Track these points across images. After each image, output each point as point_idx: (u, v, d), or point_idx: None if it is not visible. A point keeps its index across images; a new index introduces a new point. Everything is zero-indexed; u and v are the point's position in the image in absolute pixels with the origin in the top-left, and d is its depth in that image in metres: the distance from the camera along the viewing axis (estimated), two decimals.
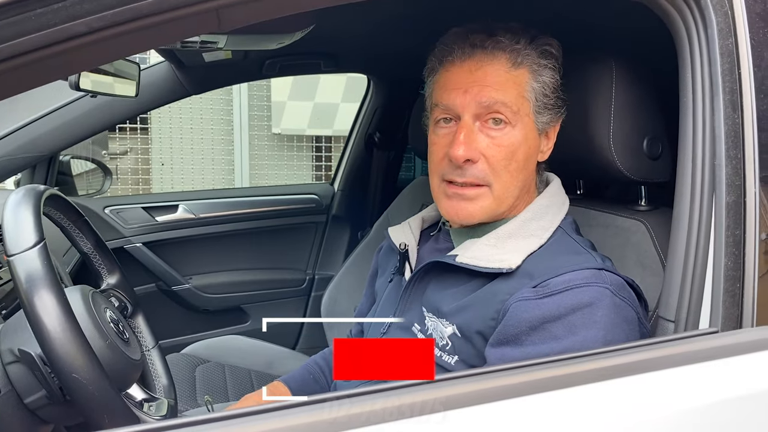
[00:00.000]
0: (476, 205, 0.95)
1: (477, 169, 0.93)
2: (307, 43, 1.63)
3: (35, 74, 0.56)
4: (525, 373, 0.65)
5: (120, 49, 0.62)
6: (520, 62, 0.93)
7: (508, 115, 0.92)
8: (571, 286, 0.83)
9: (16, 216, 0.79)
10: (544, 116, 0.96)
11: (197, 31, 0.68)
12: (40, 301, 0.72)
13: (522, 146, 0.94)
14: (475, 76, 0.93)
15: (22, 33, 0.53)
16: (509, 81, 0.93)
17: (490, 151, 0.93)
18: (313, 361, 1.26)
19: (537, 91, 0.94)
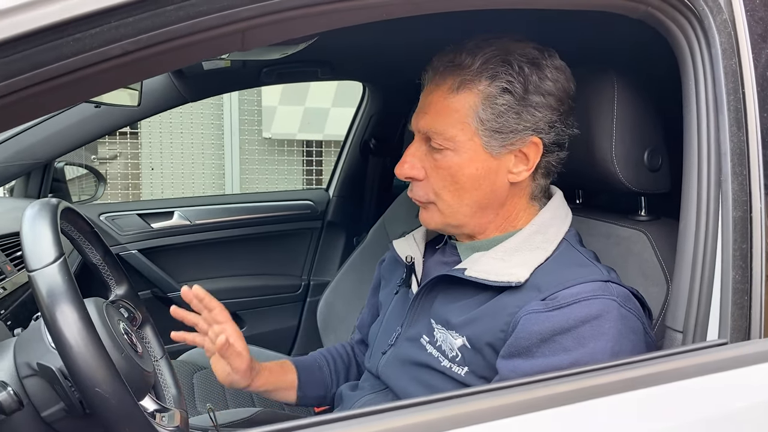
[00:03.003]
0: (429, 215, 1.02)
1: (418, 187, 1.00)
2: (304, 52, 1.64)
3: (69, 94, 0.57)
4: (538, 389, 0.67)
5: (149, 70, 0.63)
6: (459, 87, 0.93)
7: (440, 141, 0.94)
8: (579, 298, 0.85)
9: (34, 231, 0.79)
10: (495, 140, 0.93)
11: (220, 51, 0.69)
12: (62, 317, 0.73)
13: (465, 169, 0.95)
14: (425, 102, 0.99)
15: (61, 57, 0.54)
16: (448, 107, 0.94)
17: (431, 172, 0.98)
18: (319, 353, 1.31)
19: (482, 117, 0.92)
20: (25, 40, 0.52)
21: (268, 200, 2.35)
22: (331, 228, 2.38)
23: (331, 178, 2.43)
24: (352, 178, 2.37)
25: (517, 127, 0.93)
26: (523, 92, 0.92)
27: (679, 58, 0.87)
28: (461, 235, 1.05)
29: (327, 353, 1.31)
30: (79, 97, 0.58)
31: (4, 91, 0.52)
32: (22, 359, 0.85)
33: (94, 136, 1.93)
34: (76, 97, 0.57)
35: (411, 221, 2.05)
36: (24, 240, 0.78)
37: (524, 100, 0.93)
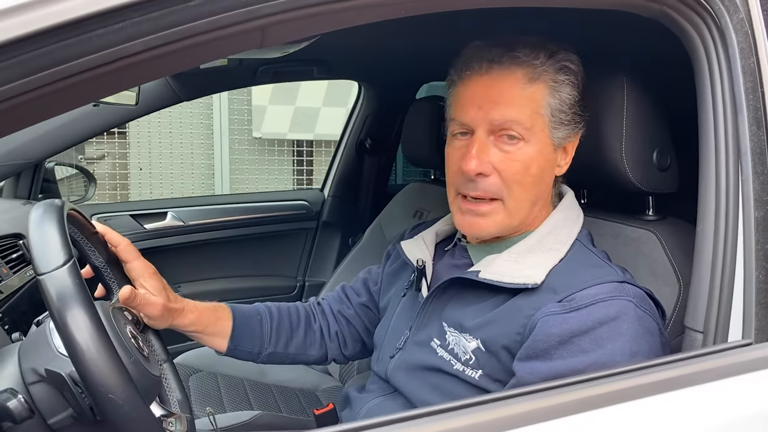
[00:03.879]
0: (489, 220, 0.97)
1: (489, 183, 0.94)
2: (300, 51, 1.62)
3: (90, 92, 0.56)
4: (559, 394, 0.66)
5: (169, 67, 0.62)
6: (536, 78, 0.94)
7: (520, 131, 0.93)
8: (596, 300, 0.85)
9: (42, 234, 0.77)
10: (560, 131, 0.96)
11: (239, 49, 0.68)
12: (73, 321, 0.71)
13: (536, 161, 0.95)
14: (489, 93, 0.94)
15: (84, 53, 0.52)
16: (523, 98, 0.93)
17: (502, 166, 0.94)
18: (265, 306, 1.22)
19: (553, 107, 0.95)
20: (49, 35, 0.50)
21: (262, 200, 2.33)
22: (326, 228, 2.37)
23: (325, 178, 2.41)
24: (347, 178, 2.36)
25: (576, 119, 0.97)
26: (580, 87, 0.97)
27: (693, 58, 0.87)
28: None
29: (275, 308, 1.23)
30: (99, 94, 0.56)
31: (25, 88, 0.50)
32: (27, 365, 0.82)
33: (86, 135, 1.90)
34: (95, 95, 0.56)
35: (408, 221, 2.05)
36: (32, 243, 0.76)
37: (581, 94, 0.97)
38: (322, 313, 1.27)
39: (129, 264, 1.04)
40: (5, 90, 0.47)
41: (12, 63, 0.50)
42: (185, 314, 1.09)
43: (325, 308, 1.28)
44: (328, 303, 1.29)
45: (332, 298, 1.31)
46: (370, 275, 1.31)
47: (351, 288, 1.31)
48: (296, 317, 1.24)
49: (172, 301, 1.06)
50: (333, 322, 1.26)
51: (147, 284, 1.03)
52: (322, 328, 1.25)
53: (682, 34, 0.88)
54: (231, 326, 1.15)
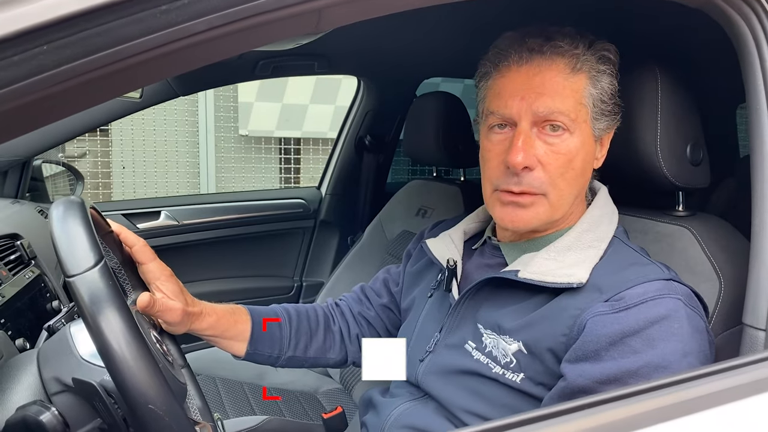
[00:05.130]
0: (531, 212, 0.93)
1: (533, 177, 0.91)
2: (302, 45, 1.58)
3: (151, 72, 0.51)
4: (634, 403, 0.63)
5: (228, 49, 0.57)
6: (578, 68, 0.91)
7: (566, 122, 0.90)
8: (646, 298, 0.82)
9: (68, 233, 0.71)
10: (601, 123, 0.94)
11: (294, 32, 0.63)
12: (108, 326, 0.66)
13: (580, 153, 0.92)
14: (532, 83, 0.91)
15: (147, 31, 0.47)
16: (567, 88, 0.91)
17: (547, 159, 0.91)
18: (283, 308, 1.17)
19: (595, 98, 0.92)
20: (109, 11, 0.45)
21: (258, 199, 2.27)
22: (324, 227, 2.32)
23: (323, 176, 2.36)
24: (346, 176, 2.31)
25: (615, 110, 0.96)
26: (618, 78, 0.95)
27: (739, 45, 0.85)
28: (513, 233, 1.01)
29: (293, 310, 1.18)
30: (159, 75, 0.51)
31: (85, 68, 0.45)
32: (49, 374, 0.76)
33: (77, 131, 1.82)
34: (156, 76, 0.51)
35: (410, 220, 2.02)
36: (57, 243, 0.70)
37: (619, 85, 0.95)
38: (341, 314, 1.23)
39: (145, 266, 0.98)
40: (67, 69, 0.42)
41: (69, 41, 0.44)
42: (203, 318, 1.03)
43: (344, 310, 1.24)
44: (347, 304, 1.25)
45: (351, 299, 1.26)
46: (390, 275, 1.27)
47: (371, 288, 1.26)
48: (315, 319, 1.19)
49: (190, 305, 1.00)
50: (353, 324, 1.21)
51: (164, 287, 0.97)
52: (341, 331, 1.20)
53: (728, 24, 0.86)
54: (250, 329, 1.10)
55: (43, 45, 0.43)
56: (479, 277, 1.01)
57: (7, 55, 0.42)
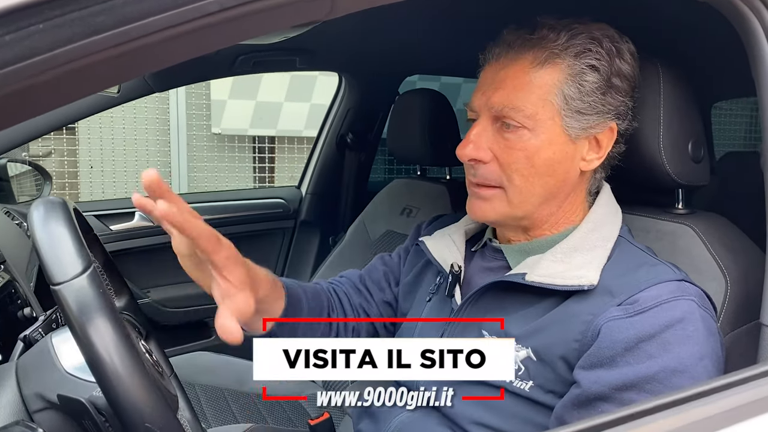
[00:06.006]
0: (489, 206, 0.92)
1: (486, 170, 0.91)
2: (285, 40, 1.53)
3: (158, 57, 0.46)
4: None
5: (238, 33, 0.52)
6: (545, 61, 0.87)
7: (519, 119, 0.87)
8: (660, 301, 0.79)
9: (52, 237, 0.65)
10: (576, 121, 0.88)
11: (306, 17, 0.59)
12: (100, 339, 0.60)
13: (542, 152, 0.88)
14: (496, 78, 0.90)
15: (156, 10, 0.42)
16: (530, 83, 0.87)
17: (501, 154, 0.89)
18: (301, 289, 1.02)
19: (567, 94, 0.87)
20: None
21: (236, 199, 2.21)
22: (305, 228, 2.27)
23: (303, 175, 2.31)
24: (327, 175, 2.26)
25: (602, 108, 0.89)
26: (609, 72, 0.88)
27: (752, 45, 0.83)
28: (515, 233, 0.97)
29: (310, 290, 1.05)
30: (169, 60, 0.46)
31: (85, 51, 0.40)
32: (30, 390, 0.70)
33: (48, 128, 1.74)
34: (165, 61, 0.46)
35: (395, 219, 1.98)
36: (41, 248, 0.64)
37: (609, 80, 0.89)
38: (339, 304, 1.12)
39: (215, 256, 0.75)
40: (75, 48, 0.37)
41: (68, 20, 0.39)
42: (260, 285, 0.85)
43: (342, 300, 1.13)
44: (344, 292, 1.14)
45: (350, 287, 1.15)
46: (388, 267, 1.18)
47: (371, 280, 1.17)
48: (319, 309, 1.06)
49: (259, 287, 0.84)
50: (351, 316, 1.13)
51: (231, 276, 0.76)
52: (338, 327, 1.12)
53: (739, 18, 0.84)
54: (283, 307, 0.95)
55: (39, 24, 0.38)
56: (480, 280, 0.97)
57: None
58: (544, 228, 0.95)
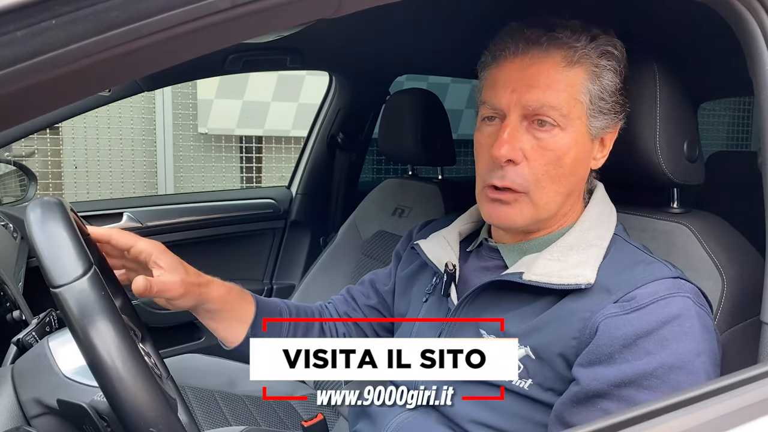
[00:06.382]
0: (515, 209, 0.91)
1: (517, 173, 0.89)
2: (276, 40, 1.52)
3: (169, 53, 0.45)
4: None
5: (246, 31, 0.51)
6: (576, 61, 0.88)
7: (555, 117, 0.87)
8: (657, 298, 0.80)
9: (50, 239, 0.64)
10: (599, 121, 0.91)
11: (311, 15, 0.58)
12: (102, 343, 0.59)
13: (571, 151, 0.89)
14: (525, 75, 0.88)
15: (169, 6, 0.41)
16: (561, 81, 0.88)
17: (533, 154, 0.88)
18: (282, 302, 1.12)
19: (593, 94, 0.89)
20: None
21: (226, 199, 2.19)
22: (295, 228, 2.25)
23: (293, 175, 2.29)
24: (317, 175, 2.25)
25: (617, 109, 0.92)
26: (623, 75, 0.92)
27: (749, 45, 0.84)
28: (514, 235, 0.97)
29: (292, 304, 1.14)
30: (181, 56, 0.45)
31: (98, 47, 0.39)
32: (27, 395, 0.69)
33: (33, 128, 1.71)
34: (178, 57, 0.45)
35: (386, 220, 1.98)
36: (40, 250, 0.63)
37: (623, 82, 0.92)
38: (329, 315, 1.18)
39: (134, 248, 0.92)
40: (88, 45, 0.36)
41: (82, 15, 0.38)
42: (213, 287, 0.98)
43: (332, 311, 1.19)
44: (334, 306, 1.20)
45: (338, 300, 1.21)
46: (377, 276, 1.22)
47: (357, 290, 1.21)
48: (311, 314, 1.14)
49: (192, 275, 0.94)
50: (341, 325, 1.17)
51: (161, 261, 0.92)
52: (331, 330, 1.15)
53: (736, 18, 0.84)
54: (254, 312, 1.04)
55: (52, 19, 0.37)
56: (477, 280, 0.97)
57: (9, 30, 0.35)
58: (548, 227, 0.95)
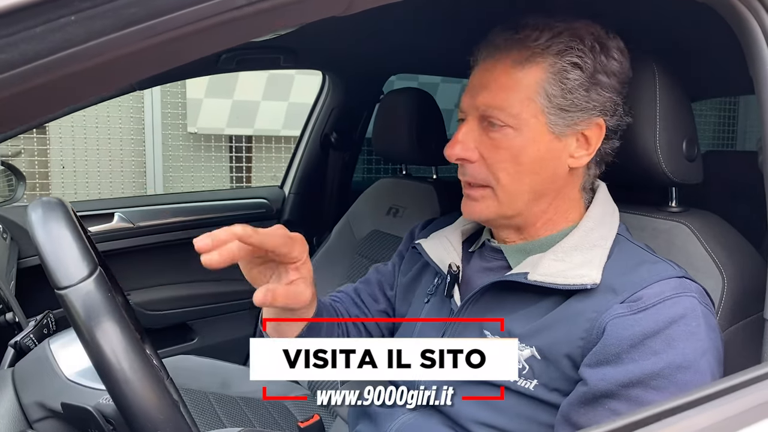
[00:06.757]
0: (481, 205, 0.94)
1: (474, 169, 0.93)
2: (269, 38, 1.51)
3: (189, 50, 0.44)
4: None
5: (258, 29, 0.51)
6: (528, 60, 0.88)
7: (503, 118, 0.89)
8: (663, 298, 0.81)
9: (54, 239, 0.63)
10: (561, 118, 0.89)
11: (321, 13, 0.57)
12: (109, 345, 0.58)
13: (527, 149, 0.89)
14: (483, 78, 0.92)
15: (188, 3, 0.41)
16: (512, 82, 0.89)
17: (488, 153, 0.91)
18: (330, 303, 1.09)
19: (550, 92, 0.88)
20: None
21: (218, 199, 2.17)
22: (288, 228, 2.21)
23: (286, 175, 2.28)
24: (310, 174, 2.24)
25: (586, 105, 0.89)
26: (592, 69, 0.89)
27: (750, 46, 0.84)
28: (508, 234, 0.97)
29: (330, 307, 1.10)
30: (198, 52, 0.44)
31: (117, 43, 0.38)
32: (29, 399, 0.68)
33: (21, 127, 1.68)
34: (194, 53, 0.44)
35: (381, 219, 1.97)
36: (44, 251, 0.62)
37: (593, 77, 0.89)
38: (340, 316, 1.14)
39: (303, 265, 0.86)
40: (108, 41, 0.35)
41: (101, 12, 0.37)
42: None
43: (342, 311, 1.14)
44: (344, 308, 1.16)
45: (347, 301, 1.18)
46: (382, 275, 1.20)
47: (366, 292, 1.19)
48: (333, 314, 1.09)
49: None
50: (352, 327, 1.15)
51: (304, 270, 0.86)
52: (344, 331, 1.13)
53: (736, 19, 0.85)
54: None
55: (71, 15, 0.36)
56: (480, 280, 0.97)
57: (28, 26, 0.34)
58: (538, 227, 0.95)
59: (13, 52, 0.34)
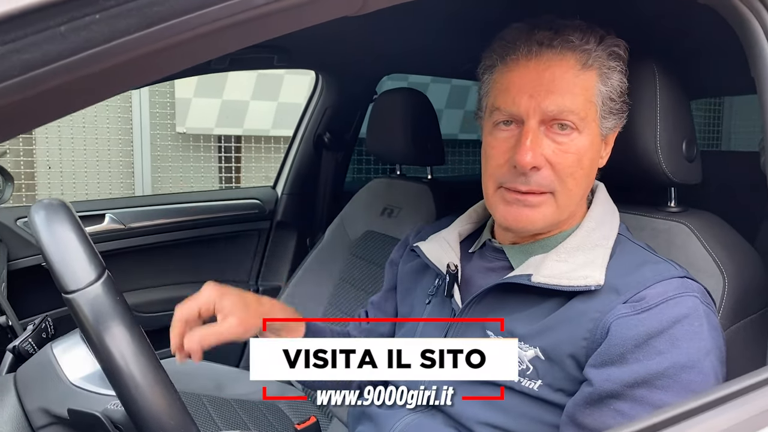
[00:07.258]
0: (538, 213, 0.90)
1: (541, 177, 0.89)
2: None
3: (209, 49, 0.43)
4: None
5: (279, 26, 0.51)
6: (589, 64, 0.89)
7: (574, 121, 0.88)
8: (666, 298, 0.81)
9: (60, 243, 0.62)
10: (608, 121, 0.92)
11: (333, 14, 0.57)
12: (119, 350, 0.57)
13: (588, 152, 0.90)
14: (541, 79, 0.88)
15: (210, 2, 0.40)
16: (577, 85, 0.88)
17: (556, 158, 0.88)
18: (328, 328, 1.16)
19: (604, 95, 0.90)
20: None
21: (210, 199, 2.15)
22: (281, 228, 2.23)
23: (278, 175, 2.26)
24: (303, 175, 2.22)
25: (625, 108, 0.94)
26: (627, 75, 0.93)
27: (752, 47, 0.85)
28: (522, 237, 0.97)
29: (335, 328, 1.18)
30: (218, 51, 0.44)
31: (140, 43, 0.37)
32: (33, 405, 0.66)
33: None
34: (214, 52, 0.43)
35: (375, 220, 1.96)
36: (49, 255, 0.61)
37: (627, 82, 0.94)
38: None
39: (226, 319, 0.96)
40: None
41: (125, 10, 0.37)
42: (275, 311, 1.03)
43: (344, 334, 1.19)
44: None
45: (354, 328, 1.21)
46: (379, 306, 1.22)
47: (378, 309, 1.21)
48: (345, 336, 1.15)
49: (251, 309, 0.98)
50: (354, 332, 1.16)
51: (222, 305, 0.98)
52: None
53: (738, 20, 0.86)
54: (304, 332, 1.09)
55: (96, 14, 0.35)
56: (482, 281, 0.97)
57: (52, 25, 0.34)
58: (558, 228, 0.96)
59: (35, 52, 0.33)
